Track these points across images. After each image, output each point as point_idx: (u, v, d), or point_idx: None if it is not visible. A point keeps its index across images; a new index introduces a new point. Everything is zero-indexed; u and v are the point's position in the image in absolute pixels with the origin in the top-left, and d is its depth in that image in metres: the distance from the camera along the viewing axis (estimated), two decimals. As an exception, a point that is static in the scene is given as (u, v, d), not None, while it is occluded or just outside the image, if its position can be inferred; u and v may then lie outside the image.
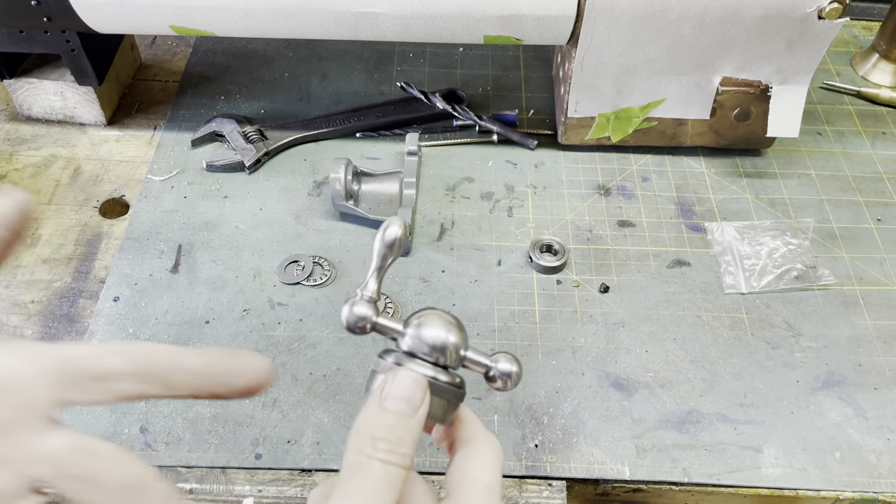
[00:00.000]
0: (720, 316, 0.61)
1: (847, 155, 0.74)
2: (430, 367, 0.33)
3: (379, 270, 0.35)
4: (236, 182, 0.70)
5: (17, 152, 0.72)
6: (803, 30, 0.61)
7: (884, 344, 0.59)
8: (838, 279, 0.63)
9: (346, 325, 0.35)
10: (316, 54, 0.84)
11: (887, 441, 0.54)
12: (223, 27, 0.63)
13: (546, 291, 0.62)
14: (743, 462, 0.53)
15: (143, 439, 0.52)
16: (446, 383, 0.33)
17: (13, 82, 0.72)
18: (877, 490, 0.52)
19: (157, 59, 0.83)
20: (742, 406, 0.55)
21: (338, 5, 0.60)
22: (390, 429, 0.31)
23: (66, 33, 0.66)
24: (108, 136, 0.74)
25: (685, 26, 0.61)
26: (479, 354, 0.35)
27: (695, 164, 0.73)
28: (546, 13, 0.60)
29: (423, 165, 0.72)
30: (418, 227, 0.67)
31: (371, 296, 0.35)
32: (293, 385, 0.56)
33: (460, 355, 0.34)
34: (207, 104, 0.77)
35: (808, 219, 0.67)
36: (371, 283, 0.35)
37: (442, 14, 0.60)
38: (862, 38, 0.88)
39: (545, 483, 0.52)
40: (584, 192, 0.70)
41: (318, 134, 0.74)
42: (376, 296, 0.35)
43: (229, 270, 0.63)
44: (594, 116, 0.69)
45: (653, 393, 0.56)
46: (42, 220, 0.66)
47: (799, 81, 0.66)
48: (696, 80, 0.66)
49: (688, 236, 0.67)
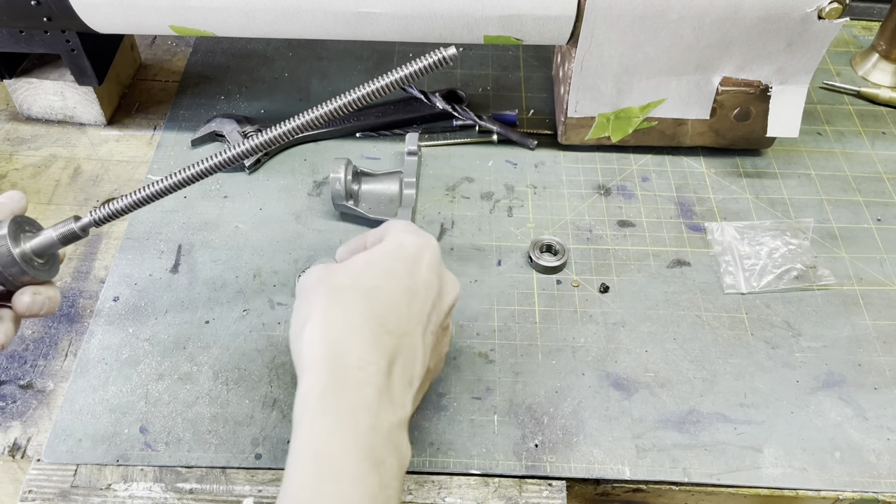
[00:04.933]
0: (720, 316, 0.61)
1: (847, 155, 0.74)
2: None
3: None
4: (236, 182, 0.70)
5: (16, 152, 0.72)
6: (803, 30, 0.61)
7: (884, 344, 0.59)
8: (838, 279, 0.63)
9: None
10: (316, 54, 0.84)
11: (887, 441, 0.54)
12: (223, 27, 0.63)
13: (546, 291, 0.62)
14: (743, 462, 0.53)
15: (143, 439, 0.52)
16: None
17: (13, 82, 0.72)
18: (876, 490, 0.52)
19: (157, 58, 0.83)
20: (742, 406, 0.55)
21: (338, 5, 0.60)
22: None
23: (65, 33, 0.66)
24: (107, 135, 0.74)
25: (685, 26, 0.61)
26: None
27: (695, 164, 0.73)
28: (546, 13, 0.60)
29: (423, 165, 0.72)
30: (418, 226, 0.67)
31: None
32: (293, 385, 0.56)
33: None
34: (207, 104, 0.77)
35: (808, 219, 0.67)
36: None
37: (442, 14, 0.60)
38: (862, 38, 0.88)
39: (545, 483, 0.52)
40: (584, 192, 0.70)
41: (318, 134, 0.74)
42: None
43: (229, 270, 0.63)
44: (594, 116, 0.69)
45: (653, 393, 0.56)
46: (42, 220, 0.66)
47: (799, 81, 0.66)
48: (696, 80, 0.66)
49: (688, 236, 0.67)
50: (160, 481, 0.51)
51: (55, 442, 0.52)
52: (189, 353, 0.57)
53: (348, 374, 0.40)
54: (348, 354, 0.40)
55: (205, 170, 0.47)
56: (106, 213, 0.48)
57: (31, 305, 0.48)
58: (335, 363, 0.40)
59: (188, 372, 0.56)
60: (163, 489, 0.50)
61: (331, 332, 0.41)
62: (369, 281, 0.43)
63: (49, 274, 0.49)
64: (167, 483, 0.51)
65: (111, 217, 0.48)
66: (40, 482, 0.50)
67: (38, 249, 0.48)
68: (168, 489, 0.50)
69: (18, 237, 0.47)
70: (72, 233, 0.48)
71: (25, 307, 0.48)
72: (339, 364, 0.40)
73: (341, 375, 0.39)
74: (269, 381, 0.56)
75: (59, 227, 0.48)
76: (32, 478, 0.51)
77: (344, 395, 0.39)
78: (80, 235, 0.48)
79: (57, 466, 0.51)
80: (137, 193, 0.47)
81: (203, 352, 0.57)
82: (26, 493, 0.50)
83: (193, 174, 0.47)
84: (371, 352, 0.40)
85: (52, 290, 0.49)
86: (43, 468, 0.51)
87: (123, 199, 0.48)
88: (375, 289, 0.43)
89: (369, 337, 0.41)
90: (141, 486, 0.51)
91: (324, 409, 0.39)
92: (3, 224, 0.47)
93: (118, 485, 0.51)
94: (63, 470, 0.51)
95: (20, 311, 0.48)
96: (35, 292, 0.48)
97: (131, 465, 0.51)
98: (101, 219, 0.48)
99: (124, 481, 0.51)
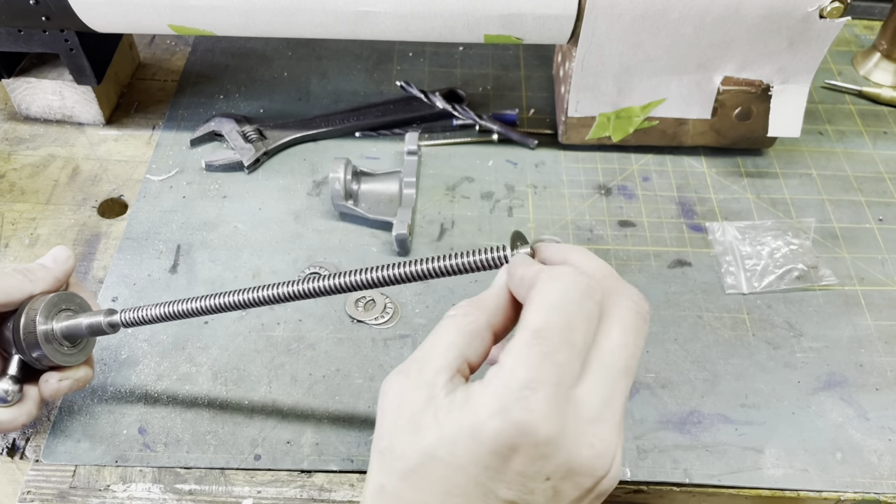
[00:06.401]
0: (721, 316, 0.61)
1: (848, 155, 0.74)
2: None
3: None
4: (235, 182, 0.70)
5: (15, 152, 0.72)
6: (804, 29, 0.61)
7: (885, 344, 0.59)
8: (840, 279, 0.63)
9: None
10: (315, 53, 0.83)
11: (889, 442, 0.53)
12: (222, 26, 0.63)
13: (546, 291, 0.62)
14: (744, 463, 0.52)
15: (142, 440, 0.52)
16: None
17: (11, 82, 0.72)
18: (878, 491, 0.51)
19: (156, 58, 0.83)
20: (743, 407, 0.55)
21: (337, 4, 0.60)
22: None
23: (64, 32, 0.65)
24: (106, 135, 0.74)
25: (686, 25, 0.61)
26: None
27: (696, 163, 0.73)
28: (547, 12, 0.60)
29: (422, 165, 0.72)
30: (418, 227, 0.67)
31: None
32: (292, 385, 0.55)
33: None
34: (206, 103, 0.77)
35: (810, 219, 0.67)
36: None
37: (442, 13, 0.60)
38: (863, 37, 0.88)
39: (545, 484, 0.51)
40: (585, 191, 0.70)
41: (318, 133, 0.74)
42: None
43: (228, 270, 0.62)
44: (595, 116, 0.69)
45: (654, 393, 0.56)
46: (40, 219, 0.66)
47: (800, 81, 0.66)
48: (697, 79, 0.66)
49: (689, 236, 0.66)
50: (159, 482, 0.51)
51: (54, 443, 0.52)
52: (188, 353, 0.57)
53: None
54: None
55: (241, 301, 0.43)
56: (138, 317, 0.45)
57: (55, 392, 0.47)
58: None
59: (187, 373, 0.56)
60: (161, 490, 0.50)
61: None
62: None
63: (76, 358, 0.48)
64: (166, 484, 0.50)
65: (143, 322, 0.45)
66: (39, 483, 0.50)
67: (67, 334, 0.47)
68: (167, 490, 0.50)
69: (52, 318, 0.46)
70: (98, 326, 0.46)
71: (49, 394, 0.47)
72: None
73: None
74: (269, 381, 0.56)
75: (91, 317, 0.46)
76: (31, 479, 0.50)
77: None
78: (107, 331, 0.46)
79: (56, 467, 0.51)
80: (174, 306, 0.44)
81: (202, 352, 0.57)
82: (25, 494, 0.50)
83: (234, 301, 0.43)
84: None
85: (81, 372, 0.48)
86: (42, 469, 0.51)
87: (156, 309, 0.45)
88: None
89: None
90: (140, 486, 0.50)
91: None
92: (38, 303, 0.45)
93: (117, 486, 0.50)
94: (62, 471, 0.51)
95: (45, 396, 0.47)
96: (61, 378, 0.47)
97: (130, 465, 0.51)
98: (130, 321, 0.45)
99: (123, 482, 0.51)
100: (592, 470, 0.29)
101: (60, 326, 0.46)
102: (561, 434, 0.28)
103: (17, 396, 0.46)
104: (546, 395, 0.28)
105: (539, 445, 0.28)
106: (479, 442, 0.28)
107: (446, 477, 0.28)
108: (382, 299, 0.60)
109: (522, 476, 0.28)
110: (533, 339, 0.29)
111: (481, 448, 0.28)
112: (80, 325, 0.46)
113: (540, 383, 0.28)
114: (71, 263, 0.49)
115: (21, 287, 0.46)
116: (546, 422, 0.28)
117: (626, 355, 0.31)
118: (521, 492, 0.29)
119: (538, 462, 0.28)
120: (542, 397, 0.28)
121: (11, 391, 0.46)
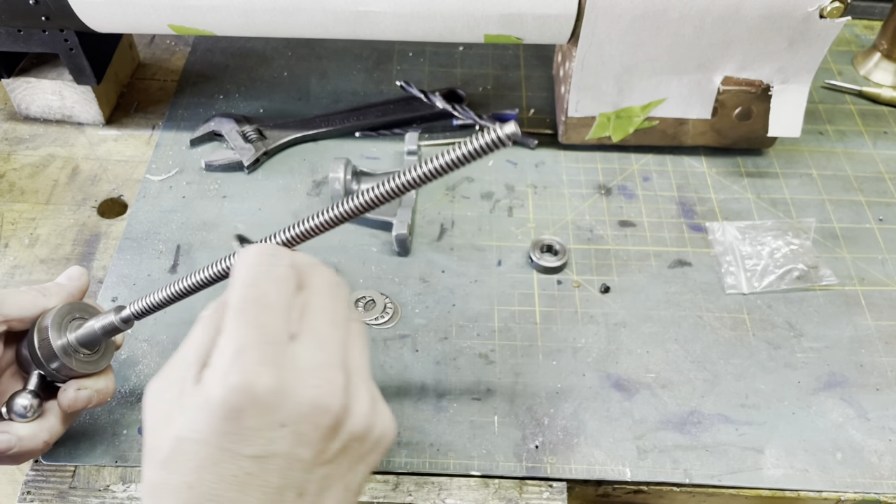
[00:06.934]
0: (721, 316, 0.61)
1: (849, 155, 0.74)
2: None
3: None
4: (235, 182, 0.70)
5: (15, 152, 0.72)
6: (805, 29, 0.61)
7: (885, 344, 0.59)
8: (840, 279, 0.63)
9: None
10: (315, 53, 0.83)
11: (889, 442, 0.53)
12: (222, 26, 0.63)
13: (546, 292, 0.62)
14: (744, 463, 0.52)
15: (142, 440, 0.52)
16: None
17: (11, 81, 0.72)
18: (878, 491, 0.51)
19: (156, 58, 0.83)
20: (743, 407, 0.55)
21: (337, 4, 0.60)
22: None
23: (64, 32, 0.65)
24: (106, 135, 0.74)
25: (686, 25, 0.61)
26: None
27: (696, 163, 0.72)
28: (547, 12, 0.60)
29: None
30: (418, 227, 0.67)
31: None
32: (292, 386, 0.55)
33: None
34: (206, 103, 0.77)
35: (810, 219, 0.67)
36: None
37: (442, 13, 0.60)
38: (863, 37, 0.88)
39: (546, 484, 0.51)
40: (585, 191, 0.70)
41: (318, 133, 0.74)
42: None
43: (228, 270, 0.62)
44: (595, 116, 0.69)
45: (654, 394, 0.56)
46: (40, 219, 0.66)
47: (800, 81, 0.66)
48: (697, 79, 0.66)
49: (689, 236, 0.66)
50: (159, 483, 0.50)
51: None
52: (188, 353, 0.57)
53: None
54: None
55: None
56: (145, 305, 0.44)
57: (73, 402, 0.46)
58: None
59: (187, 373, 0.56)
60: (161, 491, 0.50)
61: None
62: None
63: (97, 365, 0.47)
64: (166, 484, 0.50)
65: (151, 310, 0.44)
66: (39, 483, 0.50)
67: (82, 341, 0.46)
68: (167, 491, 0.50)
69: (65, 327, 0.45)
70: (112, 325, 0.45)
71: (67, 404, 0.46)
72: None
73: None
74: (269, 381, 0.56)
75: (102, 318, 0.45)
76: (31, 479, 0.50)
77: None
78: (121, 328, 0.45)
79: (55, 467, 0.51)
80: (181, 283, 0.43)
81: (202, 352, 0.57)
82: (25, 495, 0.50)
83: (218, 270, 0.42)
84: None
85: (101, 382, 0.47)
86: (41, 469, 0.51)
87: (163, 291, 0.44)
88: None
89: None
90: (139, 487, 0.50)
91: None
92: (49, 314, 0.45)
93: (116, 486, 0.50)
94: (61, 471, 0.51)
95: (63, 408, 0.46)
96: (79, 387, 0.46)
97: (130, 465, 0.51)
98: (141, 310, 0.44)
99: (123, 482, 0.50)
100: (325, 406, 0.32)
101: (75, 334, 0.46)
102: (281, 383, 0.31)
103: (36, 411, 0.45)
104: (257, 355, 0.32)
105: (261, 398, 0.31)
106: (211, 412, 0.31)
107: (195, 452, 0.31)
108: (382, 299, 0.60)
109: (258, 430, 0.31)
110: (235, 313, 0.33)
111: (214, 417, 0.31)
112: (93, 328, 0.46)
113: (248, 346, 0.32)
114: (85, 280, 0.49)
115: (35, 302, 0.46)
116: (262, 376, 0.31)
117: (330, 310, 0.35)
118: (263, 444, 0.31)
119: (268, 413, 0.31)
120: (253, 357, 0.31)
121: (30, 405, 0.44)
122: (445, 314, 0.60)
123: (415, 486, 0.51)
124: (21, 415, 0.45)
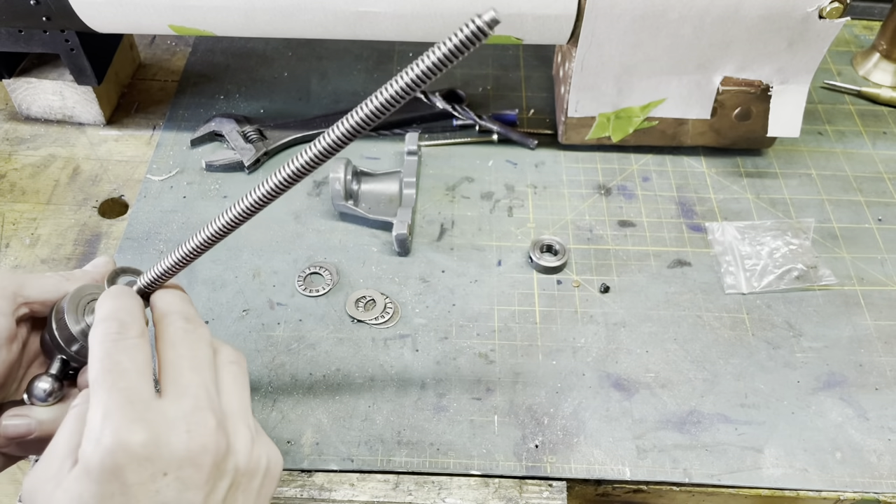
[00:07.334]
0: (721, 316, 0.61)
1: (848, 155, 0.74)
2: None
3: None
4: (236, 182, 0.70)
5: (15, 152, 0.72)
6: (804, 29, 0.61)
7: (885, 344, 0.59)
8: (839, 279, 0.63)
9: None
10: (315, 53, 0.83)
11: (888, 441, 0.54)
12: (222, 26, 0.63)
13: (546, 291, 0.62)
14: (744, 462, 0.52)
15: (142, 440, 0.52)
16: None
17: (12, 82, 0.72)
18: (877, 490, 0.51)
19: (157, 58, 0.83)
20: (743, 406, 0.55)
21: (337, 4, 0.60)
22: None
23: (65, 33, 0.66)
24: (107, 135, 0.74)
25: (686, 26, 0.61)
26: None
27: (695, 163, 0.73)
28: (546, 12, 0.60)
29: (422, 165, 0.72)
30: (418, 227, 0.67)
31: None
32: (292, 385, 0.55)
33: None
34: (207, 104, 0.77)
35: (809, 219, 0.67)
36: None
37: (442, 13, 0.60)
38: (863, 37, 0.88)
39: (545, 484, 0.51)
40: (585, 191, 0.70)
41: (318, 133, 0.73)
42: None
43: (228, 270, 0.63)
44: (594, 116, 0.69)
45: (653, 393, 0.56)
46: (41, 220, 0.66)
47: (800, 81, 0.66)
48: (696, 79, 0.66)
49: (688, 236, 0.66)
50: (159, 482, 0.51)
51: (54, 442, 0.52)
52: (188, 353, 0.57)
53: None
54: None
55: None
56: (154, 275, 0.43)
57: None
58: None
59: (187, 372, 0.56)
60: (162, 490, 0.50)
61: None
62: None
63: None
64: (166, 484, 0.50)
65: (159, 279, 0.43)
66: (39, 483, 0.50)
67: None
68: (167, 490, 0.50)
69: (82, 310, 0.44)
70: None
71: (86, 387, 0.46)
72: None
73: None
74: (269, 381, 0.56)
75: None
76: (31, 478, 0.50)
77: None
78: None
79: (56, 467, 0.51)
80: (190, 243, 0.42)
81: (202, 352, 0.57)
82: (25, 494, 0.50)
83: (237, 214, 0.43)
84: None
85: None
86: (42, 469, 0.51)
87: (171, 256, 0.42)
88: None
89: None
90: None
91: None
92: (66, 297, 0.44)
93: (117, 486, 0.50)
94: (62, 471, 0.51)
95: (84, 388, 0.45)
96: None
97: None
98: (152, 280, 0.43)
99: (123, 482, 0.50)
100: (202, 448, 0.33)
101: (94, 315, 0.44)
102: (154, 434, 0.32)
103: (57, 396, 0.45)
104: (125, 414, 0.32)
105: (138, 452, 0.32)
106: (93, 479, 0.31)
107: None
108: (382, 299, 0.61)
109: (143, 483, 0.32)
110: (94, 386, 0.34)
111: (96, 483, 0.31)
112: None
113: (114, 408, 0.33)
114: (110, 268, 0.48)
115: (58, 286, 0.45)
116: (134, 432, 0.32)
117: (188, 358, 0.36)
118: (151, 496, 0.32)
119: (148, 465, 0.32)
120: (121, 417, 0.32)
121: (51, 389, 0.44)
122: (445, 314, 0.60)
123: (415, 485, 0.51)
124: (41, 399, 0.44)
